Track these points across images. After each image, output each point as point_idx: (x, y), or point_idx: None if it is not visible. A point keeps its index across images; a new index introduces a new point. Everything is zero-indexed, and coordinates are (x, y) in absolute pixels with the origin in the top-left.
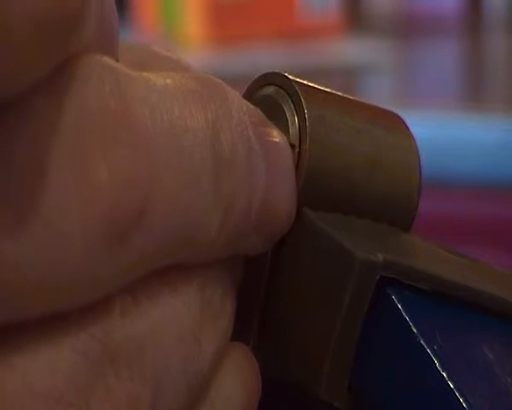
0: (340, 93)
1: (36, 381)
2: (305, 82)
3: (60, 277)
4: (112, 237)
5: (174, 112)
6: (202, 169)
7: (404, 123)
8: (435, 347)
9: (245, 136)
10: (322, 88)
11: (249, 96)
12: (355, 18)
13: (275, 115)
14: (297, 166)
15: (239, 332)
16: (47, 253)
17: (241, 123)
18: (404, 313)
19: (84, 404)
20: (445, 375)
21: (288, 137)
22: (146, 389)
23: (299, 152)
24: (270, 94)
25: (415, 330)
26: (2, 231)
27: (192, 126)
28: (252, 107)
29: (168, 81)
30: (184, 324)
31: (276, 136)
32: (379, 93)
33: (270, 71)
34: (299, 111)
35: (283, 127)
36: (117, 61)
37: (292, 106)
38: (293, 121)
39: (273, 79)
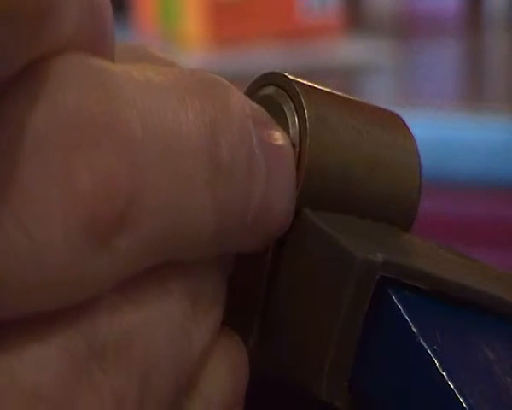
0: (340, 93)
1: (22, 379)
2: (305, 82)
3: (43, 280)
4: (94, 241)
5: (167, 115)
6: (196, 174)
7: (404, 123)
8: (435, 347)
9: (246, 140)
10: (322, 88)
11: (249, 96)
12: (355, 18)
13: (275, 115)
14: (297, 166)
15: (239, 332)
16: (30, 259)
17: (243, 126)
18: (404, 313)
19: (69, 402)
20: (445, 375)
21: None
22: (132, 384)
23: (300, 152)
24: (270, 94)
25: (415, 330)
26: None
27: (186, 131)
28: (256, 107)
29: (165, 78)
30: (175, 321)
31: (280, 138)
32: (379, 93)
33: (270, 71)
34: (300, 111)
35: (283, 127)
36: (112, 62)
37: (292, 106)
38: (294, 121)
39: (273, 79)
